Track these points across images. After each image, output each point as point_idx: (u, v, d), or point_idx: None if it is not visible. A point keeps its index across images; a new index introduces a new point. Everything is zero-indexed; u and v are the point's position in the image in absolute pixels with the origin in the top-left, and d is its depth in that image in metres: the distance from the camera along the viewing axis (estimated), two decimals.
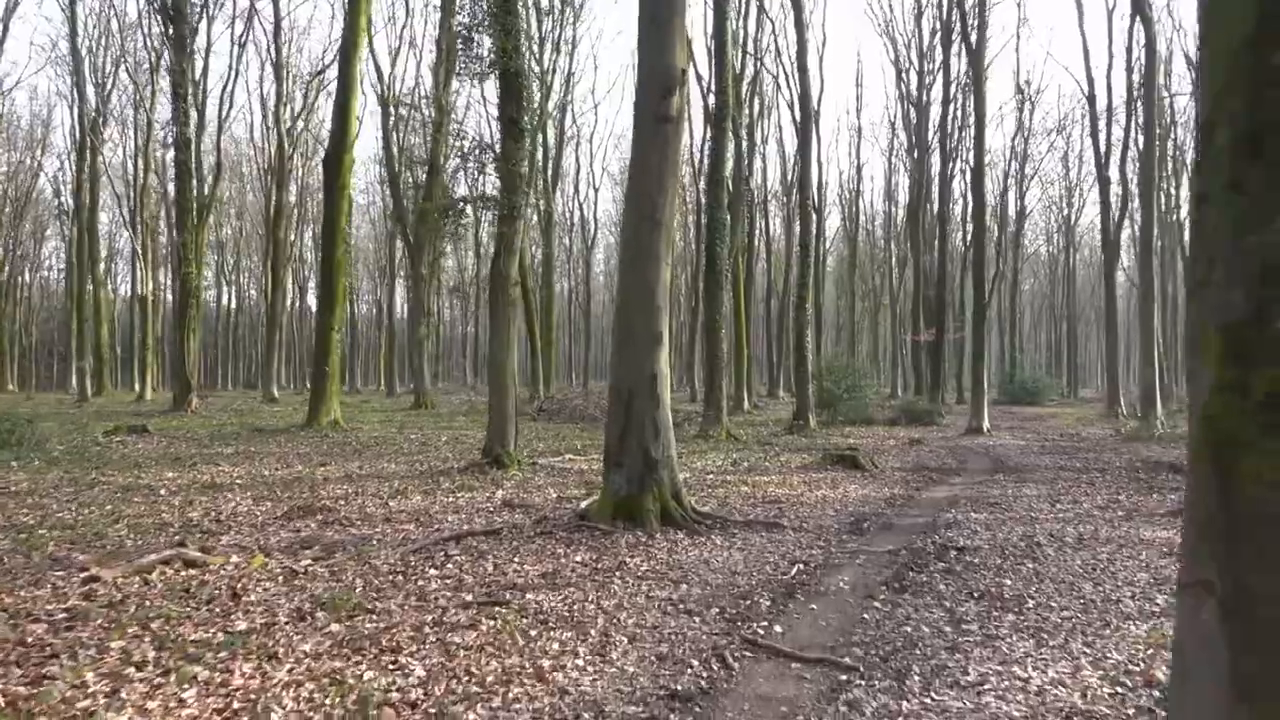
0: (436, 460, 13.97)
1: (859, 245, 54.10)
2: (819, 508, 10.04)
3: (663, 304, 8.29)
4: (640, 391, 8.09)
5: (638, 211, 8.32)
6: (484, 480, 11.39)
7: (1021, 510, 10.22)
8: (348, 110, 18.51)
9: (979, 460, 16.44)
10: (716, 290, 17.85)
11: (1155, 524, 9.37)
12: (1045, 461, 16.29)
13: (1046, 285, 64.12)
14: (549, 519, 8.37)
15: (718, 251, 17.60)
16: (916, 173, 37.17)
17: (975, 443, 20.27)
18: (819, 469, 13.68)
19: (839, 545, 7.88)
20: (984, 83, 22.30)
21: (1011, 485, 12.70)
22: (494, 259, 12.41)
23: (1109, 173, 31.14)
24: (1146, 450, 18.87)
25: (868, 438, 20.89)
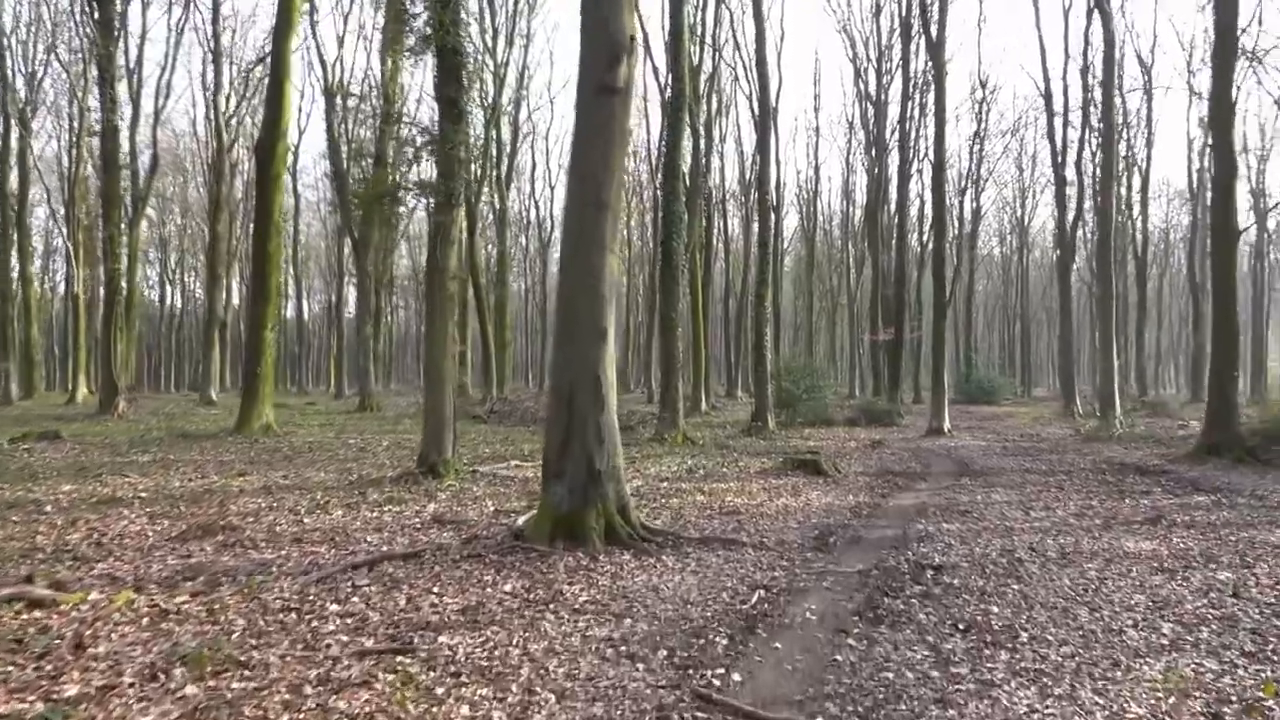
0: (371, 468, 12.91)
1: (817, 245, 53.74)
2: (780, 519, 9.23)
3: (608, 295, 7.39)
4: (583, 393, 7.19)
5: (581, 194, 7.42)
6: (416, 492, 10.38)
7: (995, 519, 9.52)
8: (281, 94, 17.30)
9: (943, 463, 15.82)
10: (673, 286, 17.01)
11: (1136, 534, 8.73)
12: (1010, 464, 15.73)
13: (999, 285, 64.56)
14: (480, 538, 7.42)
15: (674, 246, 16.77)
16: (875, 172, 36.78)
17: (937, 444, 19.71)
18: (779, 474, 12.89)
19: (804, 564, 7.06)
20: (944, 76, 21.79)
21: (980, 491, 12.04)
22: (430, 250, 11.40)
23: (1065, 172, 30.96)
24: (1108, 450, 18.46)
25: (828, 439, 20.22)
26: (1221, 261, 16.36)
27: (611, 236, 7.48)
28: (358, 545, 7.36)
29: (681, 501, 10.14)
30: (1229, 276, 16.29)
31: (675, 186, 16.89)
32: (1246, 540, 8.48)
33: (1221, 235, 16.18)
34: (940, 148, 21.78)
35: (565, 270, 7.58)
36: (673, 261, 16.84)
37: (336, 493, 10.36)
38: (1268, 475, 14.17)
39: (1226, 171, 16.14)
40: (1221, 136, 16.22)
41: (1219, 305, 16.43)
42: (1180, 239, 57.43)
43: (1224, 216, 16.13)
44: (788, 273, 69.24)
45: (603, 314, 7.30)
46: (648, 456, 15.10)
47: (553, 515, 7.05)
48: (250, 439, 17.07)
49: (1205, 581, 6.64)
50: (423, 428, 11.52)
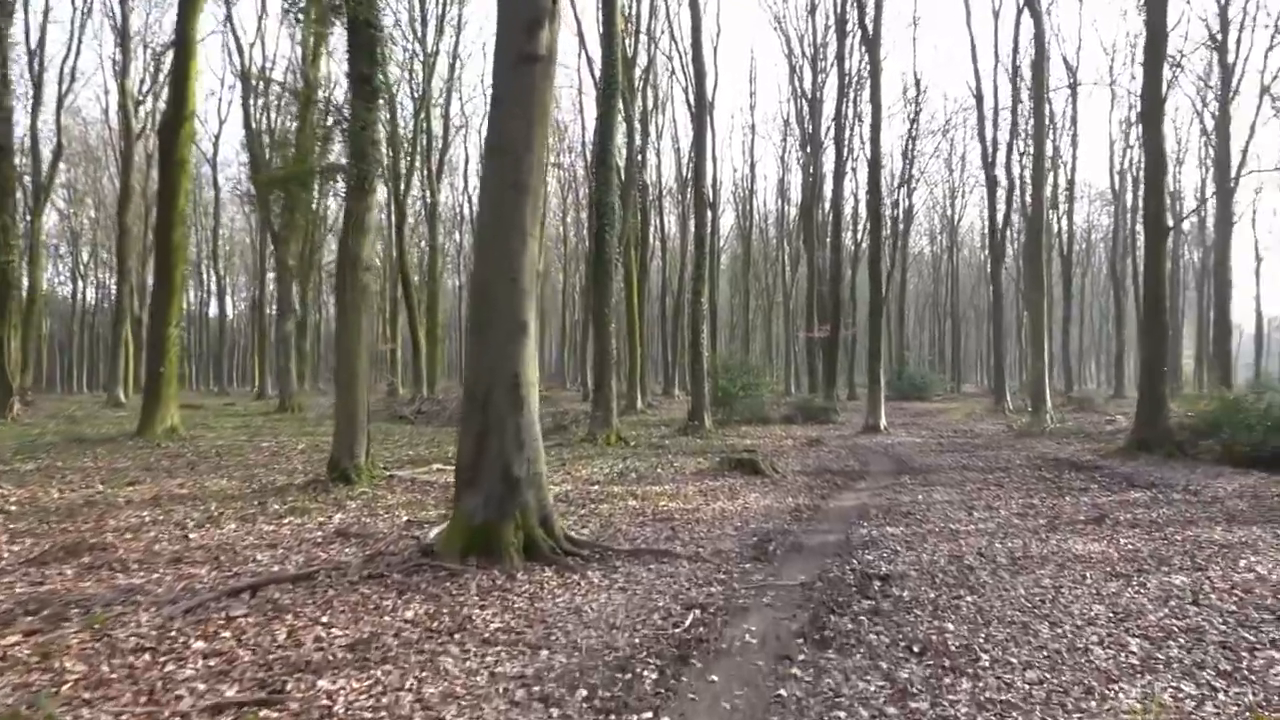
0: (280, 474, 11.93)
1: (753, 243, 53.71)
2: (717, 525, 8.64)
3: (529, 286, 6.69)
4: (500, 393, 6.47)
5: (498, 174, 6.69)
6: (324, 501, 9.50)
7: (938, 521, 9.10)
8: (187, 72, 16.06)
9: (881, 461, 15.51)
10: (606, 281, 16.33)
11: (1082, 534, 8.40)
12: (947, 461, 15.50)
13: (930, 284, 65.59)
14: (385, 555, 6.64)
15: (606, 238, 16.08)
16: (810, 169, 36.70)
17: (874, 441, 19.47)
18: (716, 475, 12.34)
19: (742, 577, 6.47)
20: (880, 71, 21.60)
21: (921, 490, 11.67)
22: (341, 239, 10.50)
23: (995, 172, 31.28)
24: (1041, 446, 18.45)
25: (765, 437, 19.82)
26: (1152, 258, 16.42)
27: (533, 220, 6.78)
28: (245, 565, 6.51)
29: (612, 507, 9.48)
30: (1158, 273, 16.36)
31: (608, 177, 16.21)
32: (1191, 540, 8.21)
33: (1152, 231, 16.24)
34: (876, 142, 21.59)
35: (481, 258, 6.85)
36: (605, 255, 16.16)
37: (234, 503, 9.41)
38: (1197, 470, 14.21)
39: (1156, 168, 16.20)
40: (1152, 134, 16.28)
41: (1149, 302, 16.50)
42: (1101, 239, 59.11)
43: (1154, 213, 16.19)
44: (724, 271, 69.22)
45: (522, 305, 6.59)
46: (579, 458, 14.41)
47: (466, 528, 6.32)
48: (153, 443, 15.83)
49: (1162, 587, 6.27)
50: (335, 431, 10.62)
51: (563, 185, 50.29)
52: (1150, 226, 16.33)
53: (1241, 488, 12.16)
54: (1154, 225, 16.19)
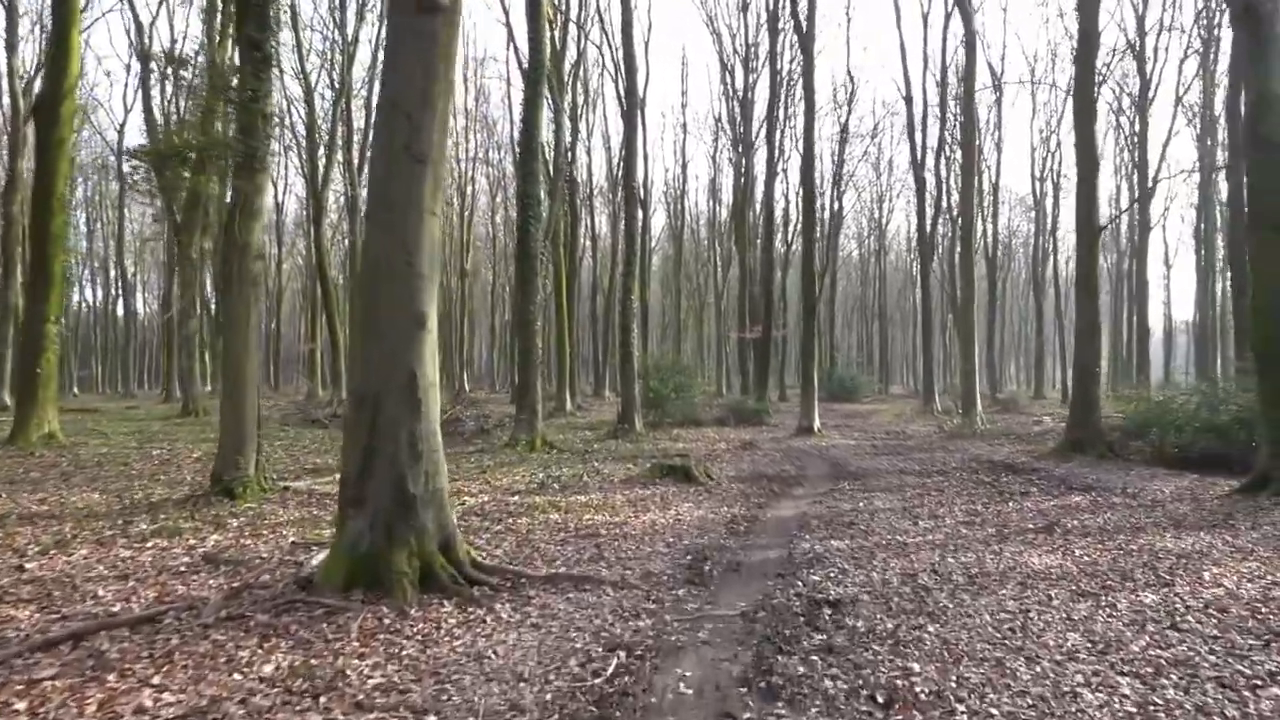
0: (163, 487, 10.63)
1: (684, 244, 53.24)
2: (647, 540, 7.79)
3: (428, 271, 5.73)
4: (393, 398, 5.49)
5: (392, 137, 5.72)
6: (203, 518, 8.33)
7: (884, 532, 8.44)
8: (66, 45, 14.49)
9: (817, 465, 14.91)
10: (531, 277, 15.33)
11: (1035, 545, 7.83)
12: (884, 464, 15.01)
13: (858, 286, 66.17)
14: (254, 588, 5.58)
15: (531, 232, 15.10)
16: (741, 169, 36.27)
17: (808, 444, 18.93)
18: (647, 483, 11.50)
19: (675, 606, 5.63)
20: (813, 67, 21.14)
21: (861, 496, 11.06)
22: (227, 225, 9.31)
23: (924, 174, 31.32)
24: (973, 448, 18.19)
25: (698, 441, 19.11)
26: (1083, 258, 16.23)
27: (434, 194, 5.82)
28: (80, 604, 5.38)
29: (532, 521, 8.54)
30: (1091, 274, 16.18)
31: (534, 167, 15.23)
32: (1146, 549, 7.73)
33: (1085, 231, 16.05)
34: (810, 135, 21.11)
35: (371, 238, 5.85)
36: (530, 250, 15.18)
37: (96, 522, 8.16)
38: (1131, 472, 14.01)
39: (1088, 168, 16.02)
40: (1084, 133, 16.09)
41: (1081, 302, 16.32)
42: (1020, 244, 60.49)
43: (1086, 212, 16.00)
44: (655, 272, 68.69)
45: (420, 293, 5.63)
46: (501, 465, 13.41)
47: (349, 556, 5.33)
48: (25, 452, 14.21)
49: (1134, 608, 5.66)
50: (219, 437, 9.41)
51: (492, 183, 49.01)
52: (1082, 226, 16.15)
53: (1179, 490, 11.94)
54: (1086, 224, 16.01)
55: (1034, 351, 45.31)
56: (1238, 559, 7.32)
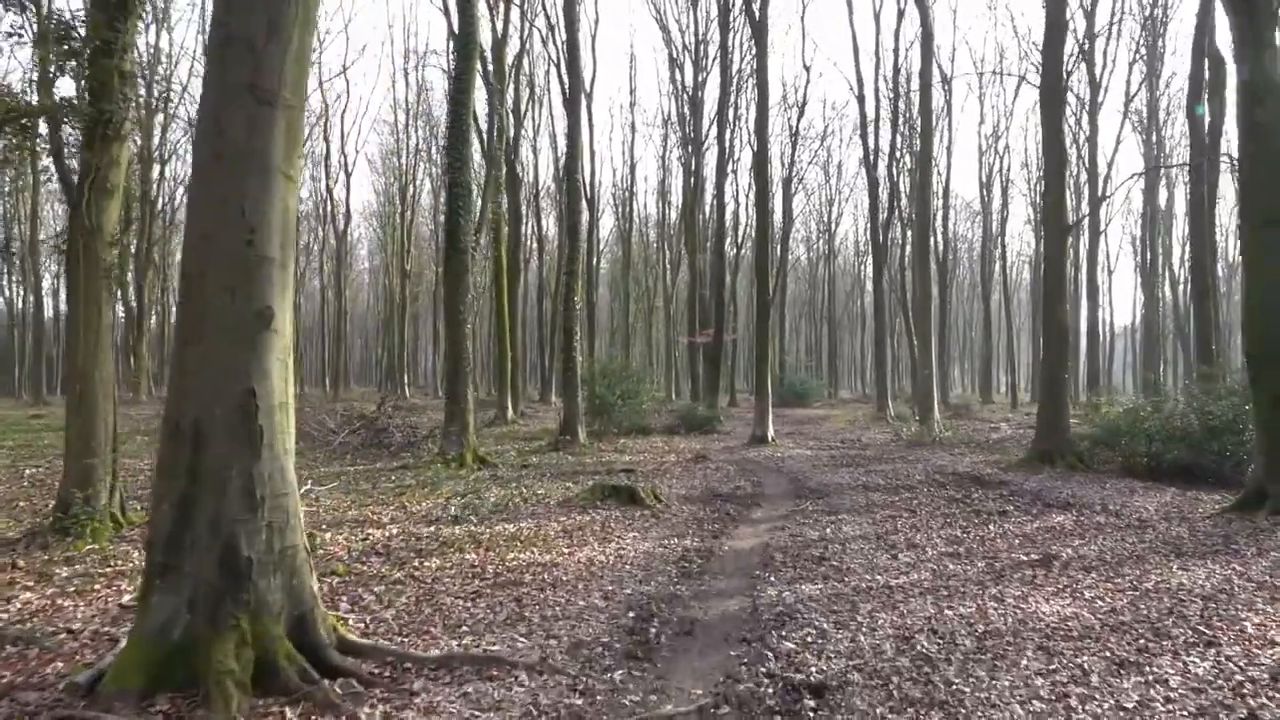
0: (3, 519, 8.85)
1: (633, 246, 51.91)
2: (581, 589, 6.35)
3: (279, 256, 4.23)
4: (222, 424, 3.97)
5: (226, 72, 4.20)
6: (29, 564, 6.63)
7: (861, 570, 7.14)
8: None
9: (775, 480, 13.64)
10: (461, 273, 13.73)
11: (1037, 586, 6.65)
12: (845, 479, 13.80)
13: (806, 290, 65.56)
14: (20, 690, 3.99)
15: (460, 224, 13.52)
16: (692, 167, 35.06)
17: (763, 455, 17.67)
18: (586, 507, 10.04)
19: (610, 699, 4.21)
20: (767, 57, 19.95)
21: (827, 520, 9.78)
22: (73, 203, 7.62)
23: (877, 173, 30.47)
24: (935, 458, 17.15)
25: (645, 452, 17.73)
26: (1052, 257, 15.27)
27: (287, 153, 4.31)
28: None
29: (443, 564, 7.02)
30: (1059, 274, 15.24)
31: (464, 153, 13.66)
32: (1164, 589, 6.60)
33: (1053, 226, 15.09)
34: (763, 125, 19.90)
35: (196, 209, 4.32)
36: (459, 244, 13.61)
37: None
38: (1106, 485, 13.08)
39: (1056, 161, 15.07)
40: (1051, 124, 15.15)
41: (1049, 305, 15.36)
42: (965, 249, 60.51)
43: (1055, 206, 15.06)
44: (604, 275, 67.21)
45: (264, 285, 4.12)
46: (423, 485, 11.83)
47: (155, 648, 3.79)
48: None
49: (1190, 683, 4.45)
50: (65, 462, 7.69)
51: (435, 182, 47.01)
52: (1050, 222, 15.21)
53: (1163, 507, 11.01)
54: (1055, 219, 15.06)
55: (980, 356, 44.99)
56: (1267, 599, 6.22)
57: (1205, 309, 18.79)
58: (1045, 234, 15.58)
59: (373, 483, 12.09)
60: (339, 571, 6.45)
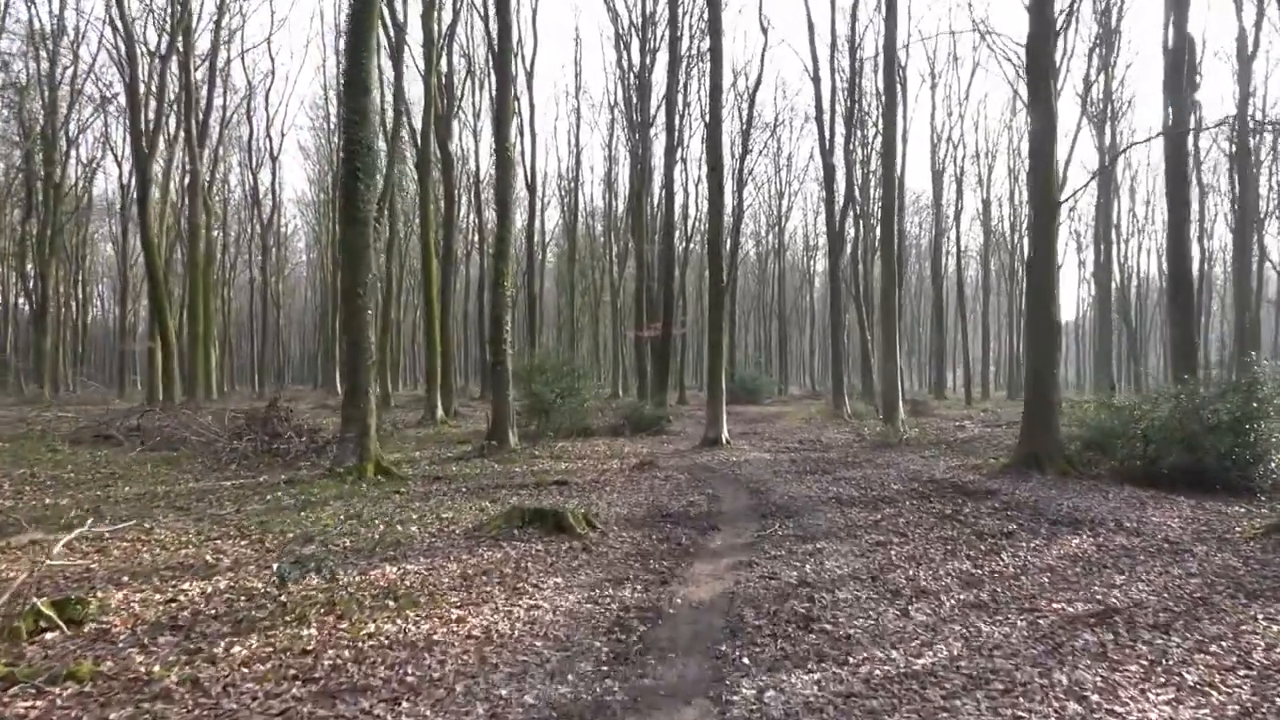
0: None
1: (579, 238, 49.53)
2: (457, 703, 4.08)
3: None
4: None
5: None
6: None
7: (868, 643, 5.04)
8: None
9: (733, 493, 11.52)
10: (360, 249, 11.17)
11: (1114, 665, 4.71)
12: (813, 489, 11.77)
13: (755, 285, 63.82)
14: None
15: (357, 189, 11.01)
16: (639, 153, 32.83)
17: (718, 459, 15.57)
18: (500, 538, 7.76)
19: None
20: (720, 28, 17.80)
21: (803, 550, 7.69)
22: None
23: (833, 159, 28.61)
24: (906, 461, 15.29)
25: (585, 458, 15.48)
26: (1041, 239, 13.43)
27: None
28: None
29: (258, 650, 4.67)
30: (1048, 257, 13.42)
31: (363, 105, 11.13)
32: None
33: (1042, 205, 13.26)
34: (716, 103, 17.77)
35: None
36: (358, 213, 11.13)
37: None
38: (1109, 494, 11.33)
39: (1045, 129, 13.25)
40: (1039, 88, 13.33)
41: (1035, 293, 13.55)
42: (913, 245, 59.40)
43: (1044, 182, 13.21)
44: (550, 270, 64.58)
45: None
46: (305, 506, 9.39)
47: None
48: None
49: None
50: None
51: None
52: (1038, 199, 13.38)
53: (1185, 523, 9.30)
54: (1043, 196, 13.23)
55: (932, 352, 43.68)
56: None
57: (1185, 300, 17.25)
58: (1033, 217, 13.73)
59: (239, 504, 9.61)
60: (78, 675, 4.09)
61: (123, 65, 26.01)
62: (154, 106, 26.49)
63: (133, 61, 24.53)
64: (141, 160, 24.97)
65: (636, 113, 34.09)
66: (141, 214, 25.28)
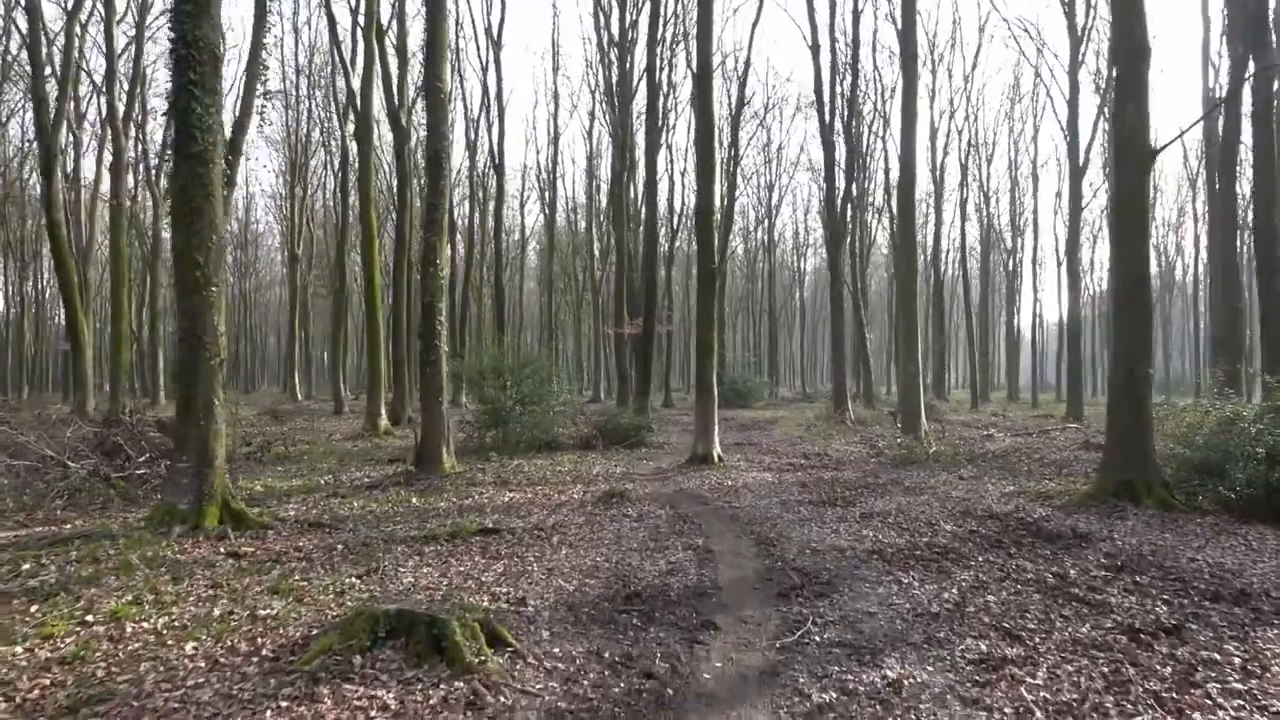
0: None
1: (559, 233, 46.01)
2: None
3: None
4: None
5: None
6: None
7: None
8: None
9: (734, 543, 8.02)
10: (199, 200, 7.38)
11: None
12: (842, 535, 8.32)
13: (745, 284, 60.30)
14: None
15: (192, 111, 7.12)
16: (619, 135, 29.32)
17: (708, 484, 12.06)
18: (319, 682, 4.22)
19: None
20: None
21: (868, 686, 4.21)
22: None
23: (834, 137, 25.17)
24: (938, 482, 11.94)
25: (541, 483, 11.95)
26: (1128, 193, 9.97)
27: None
28: None
29: None
30: (1139, 223, 9.99)
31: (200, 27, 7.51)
32: None
33: (1128, 152, 9.81)
34: (706, 55, 14.32)
35: None
36: (195, 145, 7.42)
37: None
38: (1250, 539, 7.99)
39: (1135, 53, 9.84)
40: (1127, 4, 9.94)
41: (1124, 271, 10.12)
42: None
43: (1132, 127, 9.77)
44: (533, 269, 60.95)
45: None
46: (47, 596, 5.84)
47: None
48: None
49: None
50: None
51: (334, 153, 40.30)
52: (1124, 144, 9.97)
53: None
54: (1130, 142, 9.84)
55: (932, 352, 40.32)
56: None
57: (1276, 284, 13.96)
58: (1115, 173, 10.28)
59: None
60: None
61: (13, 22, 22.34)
62: (60, 70, 22.73)
63: (33, 14, 20.83)
64: (45, 135, 21.26)
65: (615, 88, 30.54)
66: (46, 193, 21.58)
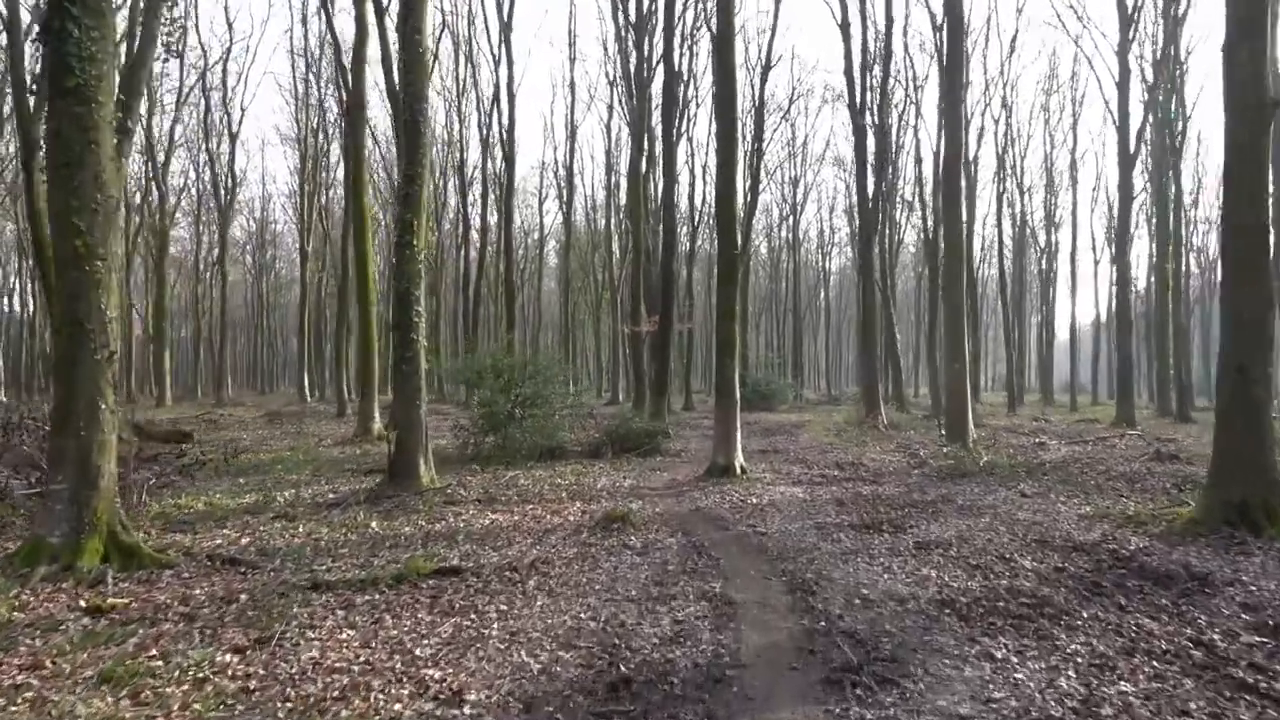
0: None
1: (577, 230, 44.33)
2: None
3: None
4: None
5: None
6: None
7: None
8: None
9: (759, 592, 6.20)
10: (79, 146, 5.41)
11: None
12: (897, 577, 6.55)
13: (768, 284, 58.15)
14: None
15: (68, 35, 5.67)
16: (637, 123, 27.54)
17: (730, 502, 10.24)
18: None
19: None
20: None
21: None
22: None
23: (864, 120, 23.21)
24: (999, 500, 10.06)
25: (534, 500, 10.19)
26: (1245, 170, 8.05)
27: None
28: None
29: None
30: (1259, 194, 8.06)
31: None
32: None
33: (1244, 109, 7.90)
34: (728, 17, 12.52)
35: None
36: (72, 79, 5.71)
37: None
38: None
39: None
40: None
41: (1238, 252, 8.18)
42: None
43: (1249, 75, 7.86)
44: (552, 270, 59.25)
45: None
46: None
47: None
48: None
49: None
50: None
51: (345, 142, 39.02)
52: (1237, 98, 8.05)
53: None
54: (1245, 96, 7.90)
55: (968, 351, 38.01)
56: None
57: None
58: (1228, 128, 8.30)
59: None
60: None
61: None
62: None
63: None
64: (24, 123, 19.86)
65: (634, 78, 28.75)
66: (27, 181, 20.18)
